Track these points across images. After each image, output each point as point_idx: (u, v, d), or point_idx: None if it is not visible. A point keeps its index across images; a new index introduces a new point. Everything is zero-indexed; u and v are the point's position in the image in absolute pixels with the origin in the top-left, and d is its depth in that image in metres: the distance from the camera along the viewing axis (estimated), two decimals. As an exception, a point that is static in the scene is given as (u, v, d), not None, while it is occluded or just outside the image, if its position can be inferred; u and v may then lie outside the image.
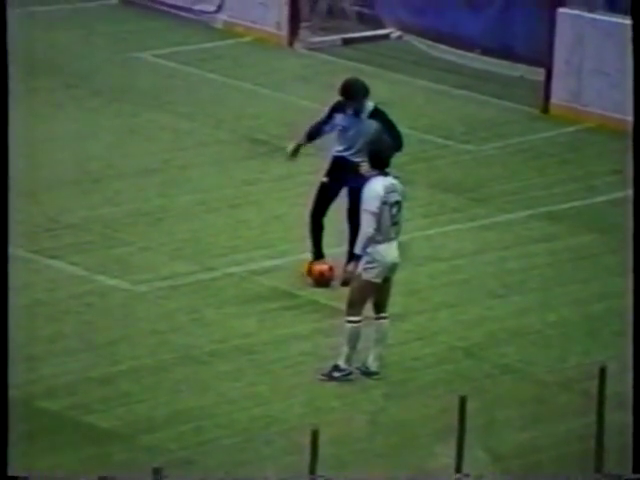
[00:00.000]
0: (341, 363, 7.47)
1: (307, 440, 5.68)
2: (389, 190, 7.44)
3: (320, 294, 8.42)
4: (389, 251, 7.41)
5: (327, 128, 8.48)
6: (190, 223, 9.29)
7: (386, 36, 12.56)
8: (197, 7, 12.91)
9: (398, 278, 8.60)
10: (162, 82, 11.64)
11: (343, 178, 8.44)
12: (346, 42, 12.48)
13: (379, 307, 7.52)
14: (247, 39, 12.57)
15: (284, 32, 12.51)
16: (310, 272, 8.42)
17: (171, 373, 7.53)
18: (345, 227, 8.42)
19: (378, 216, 7.35)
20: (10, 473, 5.45)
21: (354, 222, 8.46)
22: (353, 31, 12.59)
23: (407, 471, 6.65)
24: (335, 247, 8.57)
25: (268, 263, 8.77)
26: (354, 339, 7.44)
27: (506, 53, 11.75)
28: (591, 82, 11.10)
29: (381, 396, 7.40)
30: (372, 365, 7.50)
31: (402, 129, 8.71)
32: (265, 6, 12.54)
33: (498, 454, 6.72)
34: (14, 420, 5.64)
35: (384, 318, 7.52)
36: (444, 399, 7.08)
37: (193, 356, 7.71)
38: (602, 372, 6.25)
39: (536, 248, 8.24)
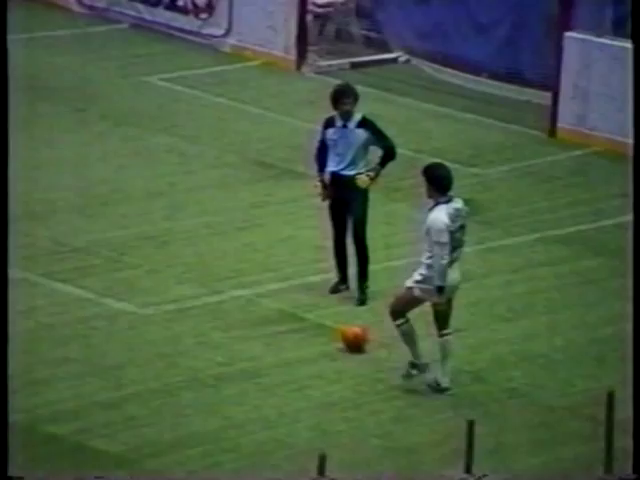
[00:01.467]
0: (414, 359, 7.52)
1: (314, 464, 5.65)
2: (454, 217, 7.40)
3: (326, 317, 8.40)
4: (451, 274, 7.40)
5: (326, 144, 8.41)
6: (196, 246, 9.29)
7: (394, 60, 12.59)
8: (205, 31, 12.98)
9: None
10: (169, 106, 11.68)
11: (343, 195, 8.39)
12: (354, 66, 12.52)
13: (442, 325, 7.52)
14: (255, 63, 12.63)
15: (292, 56, 12.56)
16: (343, 334, 8.08)
17: (177, 397, 7.51)
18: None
19: (449, 245, 7.32)
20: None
21: (358, 240, 8.41)
22: (361, 55, 12.63)
23: (414, 496, 6.61)
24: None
25: (274, 286, 8.75)
26: (410, 336, 7.49)
27: (513, 77, 11.76)
28: (598, 106, 11.11)
29: (389, 420, 7.36)
30: (443, 381, 7.51)
31: (409, 152, 8.71)
32: (273, 30, 12.60)
33: (506, 479, 6.67)
34: (19, 445, 5.61)
35: (448, 335, 7.52)
36: (452, 423, 7.04)
37: (199, 379, 7.69)
38: (610, 397, 6.21)
39: (543, 271, 8.22)
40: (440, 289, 7.38)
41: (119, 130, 11.11)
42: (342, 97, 8.32)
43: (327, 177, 8.41)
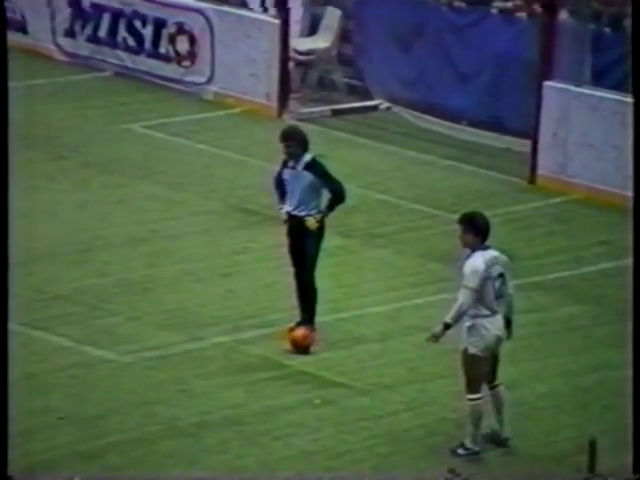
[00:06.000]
0: (467, 442, 7.36)
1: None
2: (491, 264, 7.33)
3: (308, 364, 8.37)
4: (494, 324, 7.34)
5: (282, 180, 8.49)
6: (178, 293, 9.27)
7: (375, 107, 12.69)
8: (188, 79, 13.05)
9: (388, 348, 8.59)
10: (152, 153, 11.71)
11: (298, 235, 8.45)
12: (335, 113, 12.60)
13: (489, 378, 7.44)
14: (237, 110, 12.69)
15: (274, 103, 12.63)
16: (290, 335, 8.32)
17: (158, 446, 7.44)
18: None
19: (478, 293, 7.25)
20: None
21: (307, 280, 8.35)
22: (342, 102, 12.72)
23: None
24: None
25: (257, 332, 8.72)
26: (477, 417, 7.34)
27: (494, 125, 11.87)
28: (577, 154, 11.20)
29: (370, 469, 7.31)
30: (502, 433, 7.42)
31: (391, 199, 8.73)
32: (255, 77, 12.68)
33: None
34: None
35: (497, 386, 7.45)
36: (434, 472, 7.00)
37: (180, 428, 7.63)
38: (592, 445, 6.19)
39: (525, 318, 8.22)
40: (446, 326, 7.27)
41: (101, 178, 11.11)
42: (287, 140, 8.41)
43: (283, 212, 8.52)
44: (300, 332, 8.35)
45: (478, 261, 7.34)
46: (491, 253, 7.42)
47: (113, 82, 13.10)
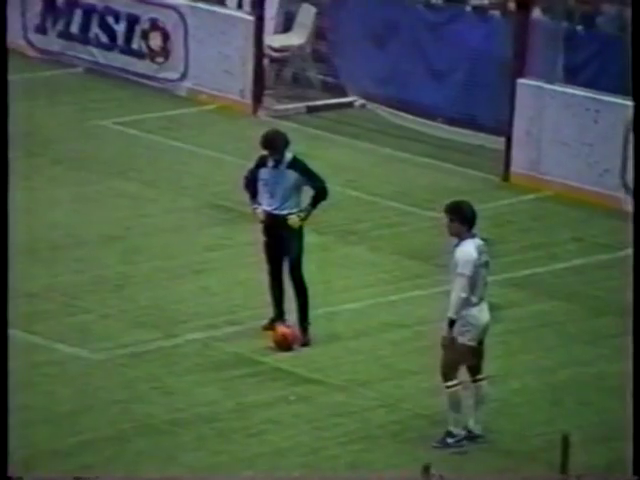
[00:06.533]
0: (452, 428, 7.33)
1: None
2: (481, 251, 7.34)
3: (283, 361, 8.35)
4: (482, 313, 7.34)
5: (256, 179, 8.45)
6: (152, 290, 9.22)
7: (350, 104, 12.68)
8: (161, 75, 12.99)
9: (362, 345, 8.61)
10: (125, 150, 11.65)
11: (276, 233, 8.42)
12: (310, 110, 12.59)
13: (474, 370, 7.41)
14: (211, 107, 12.65)
15: (248, 100, 12.59)
16: (274, 333, 8.33)
17: (132, 443, 7.40)
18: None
19: (471, 279, 7.23)
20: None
21: (296, 279, 8.39)
22: (317, 99, 12.71)
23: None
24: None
25: (231, 329, 8.70)
26: (457, 403, 7.32)
27: (468, 122, 11.90)
28: (550, 151, 11.26)
29: (345, 465, 7.31)
30: (475, 428, 7.40)
31: (366, 196, 8.75)
32: (229, 74, 12.64)
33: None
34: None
35: (481, 380, 7.43)
36: (409, 468, 7.01)
37: (154, 425, 7.59)
38: (565, 441, 6.22)
39: (499, 315, 8.24)
40: (451, 322, 7.26)
41: (74, 175, 11.04)
42: (273, 141, 8.38)
43: (261, 213, 8.43)
44: (285, 330, 8.29)
45: (470, 248, 7.33)
46: (478, 241, 7.41)
47: (85, 78, 13.03)
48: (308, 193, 8.50)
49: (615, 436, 7.51)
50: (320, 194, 8.38)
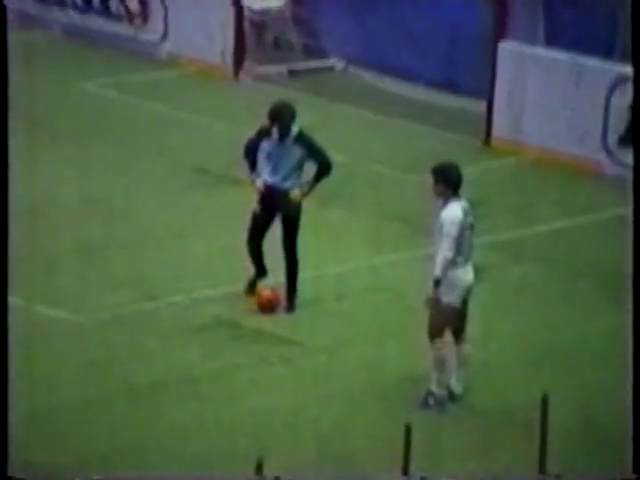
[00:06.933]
0: (434, 388, 7.39)
1: (252, 471, 5.61)
2: (467, 213, 7.36)
3: (264, 323, 8.37)
4: (467, 274, 7.38)
5: (257, 149, 8.37)
6: (132, 254, 9.20)
7: (331, 67, 12.62)
8: (141, 37, 12.88)
9: (344, 308, 8.63)
10: (104, 113, 11.56)
11: (274, 206, 8.37)
12: (291, 73, 12.52)
13: (457, 331, 7.44)
14: (191, 70, 12.55)
15: (229, 63, 12.51)
16: (258, 297, 8.33)
17: (112, 405, 7.41)
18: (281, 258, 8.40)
19: (458, 240, 7.26)
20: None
21: (289, 251, 8.44)
22: (299, 62, 12.64)
23: (352, 502, 6.60)
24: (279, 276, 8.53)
25: (211, 292, 8.69)
26: (441, 362, 7.37)
27: (449, 85, 11.88)
28: (531, 115, 11.25)
29: (327, 426, 7.35)
30: (456, 388, 7.46)
31: (346, 159, 8.74)
32: (209, 37, 12.54)
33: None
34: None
35: (463, 341, 7.45)
36: (390, 428, 7.06)
37: (134, 388, 7.60)
38: (544, 402, 6.28)
39: (478, 277, 8.29)
40: (437, 282, 7.28)
41: (52, 138, 10.96)
42: (280, 118, 8.29)
43: (260, 184, 8.36)
44: (269, 295, 8.29)
45: (457, 210, 7.35)
46: (464, 203, 7.43)
47: (62, 40, 12.89)
48: (310, 166, 8.42)
49: (592, 396, 7.59)
50: (324, 170, 8.31)
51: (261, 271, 8.52)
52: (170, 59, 12.68)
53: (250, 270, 8.65)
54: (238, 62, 12.49)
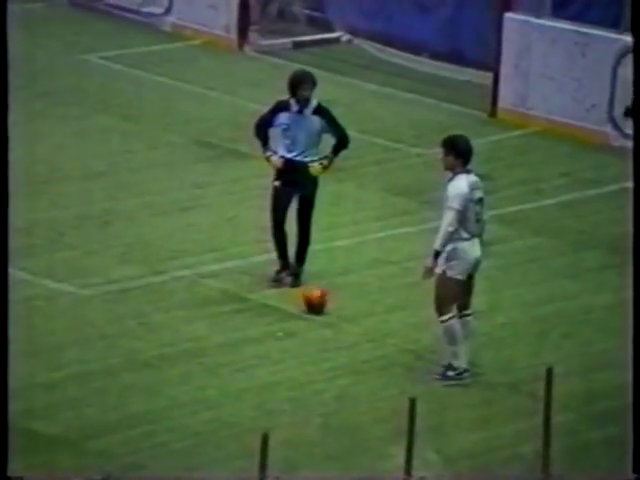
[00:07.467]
0: (453, 362, 7.38)
1: (257, 443, 5.65)
2: (473, 187, 7.34)
3: (270, 297, 8.38)
4: (473, 248, 7.37)
5: (271, 125, 8.30)
6: (138, 227, 9.20)
7: (336, 40, 12.57)
8: (145, 9, 12.82)
9: (349, 281, 8.64)
10: (109, 85, 11.53)
11: (293, 180, 8.34)
12: (296, 45, 12.47)
13: (462, 305, 7.44)
14: (196, 42, 12.51)
15: (233, 35, 12.47)
16: (307, 299, 8.10)
17: (119, 378, 7.45)
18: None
19: (461, 214, 7.26)
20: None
21: (303, 226, 8.43)
22: (303, 34, 12.59)
23: (358, 473, 6.64)
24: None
25: (218, 266, 8.70)
26: (453, 336, 7.36)
27: (455, 57, 11.82)
28: (538, 87, 11.21)
29: (332, 399, 7.38)
30: (462, 362, 7.42)
31: (352, 132, 8.71)
32: (214, 9, 12.49)
33: (448, 455, 6.74)
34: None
35: (468, 315, 7.45)
36: (395, 401, 7.09)
37: (142, 360, 7.63)
38: (549, 373, 6.30)
39: (485, 251, 8.29)
40: (436, 253, 7.28)
41: (58, 109, 10.94)
42: (302, 83, 8.21)
43: (278, 160, 8.29)
44: (317, 294, 8.05)
45: (462, 183, 7.33)
46: (473, 177, 7.41)
47: (67, 11, 12.85)
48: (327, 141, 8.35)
49: (597, 368, 7.61)
50: (342, 142, 8.27)
51: (285, 263, 8.35)
52: (175, 31, 12.64)
53: (256, 244, 8.64)
54: (243, 34, 12.45)
